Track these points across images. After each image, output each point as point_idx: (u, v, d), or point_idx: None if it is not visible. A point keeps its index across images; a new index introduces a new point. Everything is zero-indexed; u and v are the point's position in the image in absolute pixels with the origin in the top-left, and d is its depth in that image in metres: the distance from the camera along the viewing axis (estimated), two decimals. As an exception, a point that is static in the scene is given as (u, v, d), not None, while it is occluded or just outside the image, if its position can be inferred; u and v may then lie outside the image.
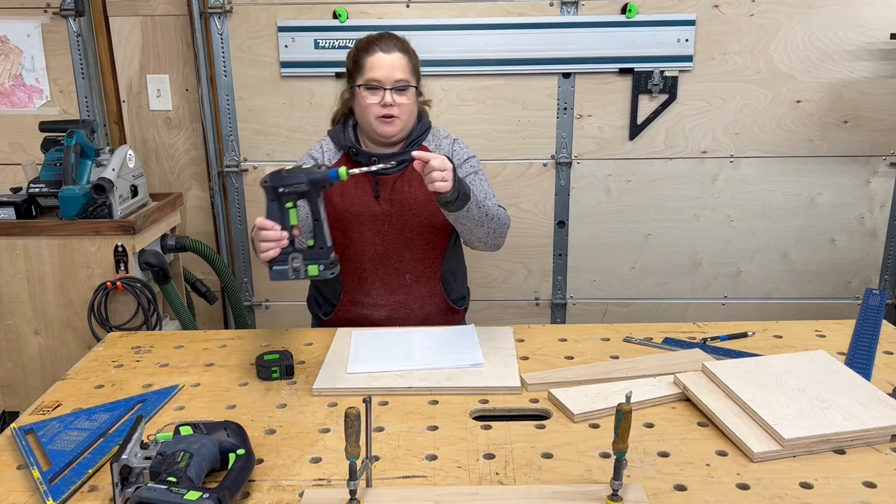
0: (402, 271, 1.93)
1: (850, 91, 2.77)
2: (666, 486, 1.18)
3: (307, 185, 1.45)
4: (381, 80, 1.80)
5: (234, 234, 3.00)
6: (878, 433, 1.27)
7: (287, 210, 1.47)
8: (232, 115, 2.86)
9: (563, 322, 3.08)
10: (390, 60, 1.80)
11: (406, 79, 1.81)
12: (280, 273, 1.49)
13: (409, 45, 1.87)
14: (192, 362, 1.67)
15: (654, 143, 2.85)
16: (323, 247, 1.49)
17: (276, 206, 1.47)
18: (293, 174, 1.46)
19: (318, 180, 1.46)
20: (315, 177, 1.46)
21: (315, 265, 1.48)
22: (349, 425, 1.06)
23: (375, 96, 1.80)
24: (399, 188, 1.88)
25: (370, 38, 1.86)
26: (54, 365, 2.45)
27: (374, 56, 1.80)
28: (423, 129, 1.92)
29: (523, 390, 1.50)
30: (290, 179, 1.46)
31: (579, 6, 2.71)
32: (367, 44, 1.83)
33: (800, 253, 2.97)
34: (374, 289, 1.94)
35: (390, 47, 1.81)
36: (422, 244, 1.92)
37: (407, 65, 1.83)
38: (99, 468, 1.25)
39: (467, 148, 1.97)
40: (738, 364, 1.50)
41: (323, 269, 1.48)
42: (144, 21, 2.81)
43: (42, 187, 2.41)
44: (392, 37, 1.86)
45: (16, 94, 2.88)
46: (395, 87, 1.80)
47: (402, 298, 1.94)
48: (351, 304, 1.96)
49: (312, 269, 1.47)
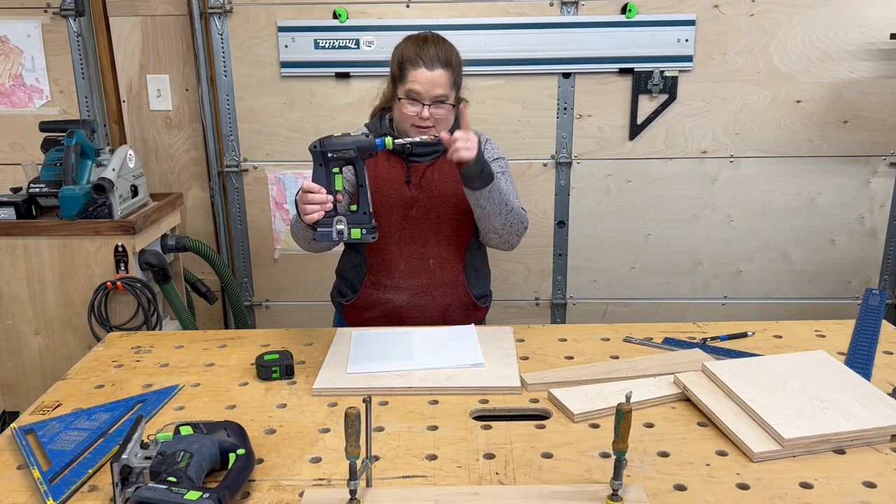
0: (427, 256, 1.97)
1: (850, 91, 2.77)
2: (666, 486, 1.18)
3: (355, 151, 1.52)
4: (420, 93, 1.83)
5: (234, 234, 3.00)
6: (878, 433, 1.27)
7: (333, 175, 1.53)
8: (232, 115, 2.86)
9: (563, 322, 3.08)
10: (432, 77, 1.82)
11: (445, 94, 1.84)
12: (325, 235, 1.54)
13: (452, 56, 1.87)
14: (192, 362, 1.67)
15: (654, 143, 2.85)
16: (366, 212, 1.55)
17: (323, 171, 1.53)
18: (343, 140, 1.52)
19: (366, 147, 1.53)
20: (363, 144, 1.52)
21: (358, 229, 1.54)
22: (349, 425, 1.06)
23: (414, 107, 1.85)
24: (429, 175, 1.94)
25: (417, 45, 1.85)
26: (54, 365, 2.44)
27: (417, 70, 1.82)
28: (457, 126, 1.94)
29: (523, 390, 1.50)
30: (339, 145, 1.52)
31: (579, 6, 2.71)
32: (414, 54, 1.84)
33: (800, 253, 2.97)
34: (398, 271, 1.97)
35: (434, 63, 1.82)
36: (447, 231, 1.97)
37: (448, 80, 1.84)
38: (99, 468, 1.25)
39: (497, 149, 2.02)
40: (738, 364, 1.50)
41: (365, 233, 1.54)
42: (144, 21, 2.81)
43: (42, 187, 2.41)
44: (437, 45, 1.85)
45: (16, 94, 2.88)
46: (434, 102, 1.84)
47: (424, 283, 1.98)
48: (374, 287, 1.99)
49: (355, 233, 1.53)
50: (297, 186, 2.93)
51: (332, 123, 2.85)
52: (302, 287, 3.06)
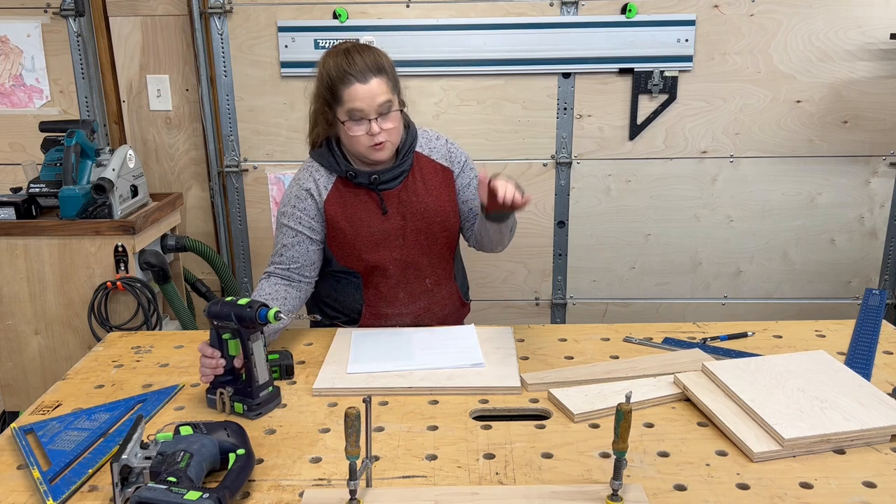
0: (423, 277, 1.90)
1: (850, 91, 2.77)
2: (666, 486, 1.18)
3: (236, 323, 1.40)
4: (363, 110, 1.69)
5: (234, 234, 3.00)
6: (878, 433, 1.27)
7: (225, 340, 1.43)
8: (232, 115, 2.86)
9: (563, 322, 3.08)
10: (369, 89, 1.67)
11: (388, 100, 1.70)
12: (210, 401, 1.46)
13: (381, 60, 1.73)
14: (192, 362, 1.67)
15: (653, 143, 2.86)
16: (251, 386, 1.42)
17: (216, 335, 1.44)
18: (223, 310, 1.41)
19: (248, 319, 1.39)
20: (244, 315, 1.39)
21: (241, 404, 1.43)
22: (349, 425, 1.06)
23: (361, 127, 1.71)
24: (406, 199, 1.83)
25: (339, 64, 1.70)
26: (54, 365, 2.45)
27: (350, 88, 1.68)
28: (412, 136, 1.86)
29: (523, 390, 1.50)
30: (220, 315, 1.41)
31: (579, 6, 2.71)
32: (342, 73, 1.69)
33: (800, 253, 2.97)
34: (398, 300, 1.90)
35: (365, 74, 1.68)
36: (438, 248, 1.89)
37: (386, 85, 1.70)
38: (99, 468, 1.25)
39: (461, 150, 1.93)
40: (738, 364, 1.50)
41: (247, 410, 1.41)
42: (144, 21, 2.81)
43: (42, 187, 2.41)
44: (362, 56, 1.70)
45: (16, 94, 2.88)
46: (380, 114, 1.71)
47: (425, 304, 1.92)
48: (374, 318, 1.91)
49: (238, 407, 1.43)
50: (297, 186, 2.93)
51: (332, 123, 2.85)
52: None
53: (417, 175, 1.85)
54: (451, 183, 1.88)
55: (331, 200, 1.81)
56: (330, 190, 1.82)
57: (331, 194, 1.81)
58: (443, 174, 1.87)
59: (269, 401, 1.45)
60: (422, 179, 1.85)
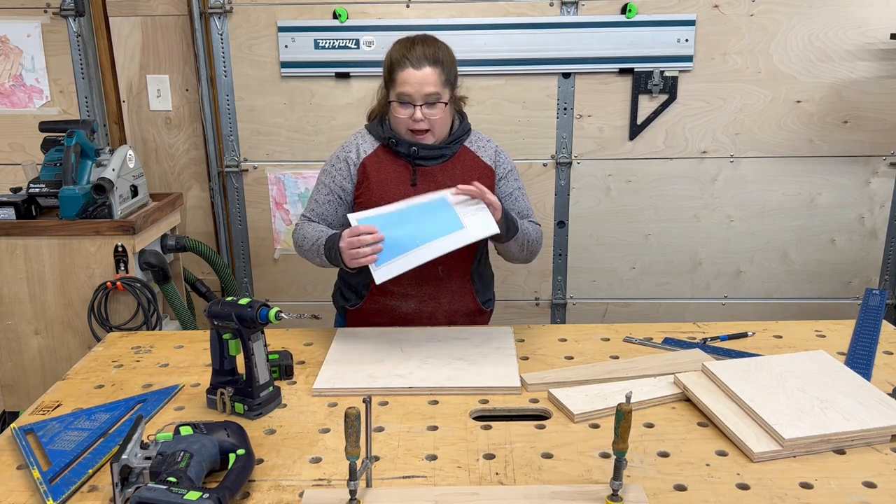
0: (435, 263, 1.88)
1: (850, 91, 2.77)
2: (666, 486, 1.18)
3: (237, 323, 1.40)
4: (411, 94, 1.80)
5: (234, 234, 3.00)
6: (878, 433, 1.27)
7: (226, 340, 1.44)
8: (232, 115, 2.86)
9: (563, 322, 3.08)
10: (420, 76, 1.78)
11: (437, 92, 1.80)
12: (210, 402, 1.46)
13: (441, 54, 1.83)
14: (192, 362, 1.67)
15: (653, 143, 2.85)
16: (252, 386, 1.42)
17: (216, 335, 1.44)
18: (223, 310, 1.41)
19: (248, 319, 1.39)
20: (245, 315, 1.39)
21: (240, 404, 1.43)
22: (349, 425, 1.06)
23: (406, 110, 1.82)
24: (440, 181, 1.87)
25: (403, 47, 1.83)
26: (54, 365, 2.45)
27: (404, 71, 1.79)
28: (464, 129, 1.93)
29: (523, 390, 1.50)
30: (221, 314, 1.41)
31: (579, 6, 2.71)
32: (401, 56, 1.81)
33: (800, 253, 2.97)
34: (406, 278, 1.87)
35: (421, 62, 1.79)
36: None
37: (438, 77, 1.80)
38: (99, 468, 1.25)
39: (510, 159, 1.99)
40: (738, 364, 1.50)
41: (247, 410, 1.42)
42: (144, 21, 2.81)
43: (42, 187, 2.41)
44: (425, 45, 1.82)
45: (16, 94, 2.88)
46: (426, 102, 1.81)
47: (432, 291, 1.94)
48: (380, 295, 1.94)
49: (238, 408, 1.43)
50: (297, 187, 2.93)
51: (332, 123, 2.85)
52: (302, 287, 3.06)
53: (458, 165, 1.90)
54: (490, 183, 1.92)
55: (370, 159, 1.91)
56: (370, 153, 1.92)
57: (371, 155, 1.92)
58: (484, 172, 1.92)
59: (270, 401, 1.45)
60: (461, 169, 1.89)
